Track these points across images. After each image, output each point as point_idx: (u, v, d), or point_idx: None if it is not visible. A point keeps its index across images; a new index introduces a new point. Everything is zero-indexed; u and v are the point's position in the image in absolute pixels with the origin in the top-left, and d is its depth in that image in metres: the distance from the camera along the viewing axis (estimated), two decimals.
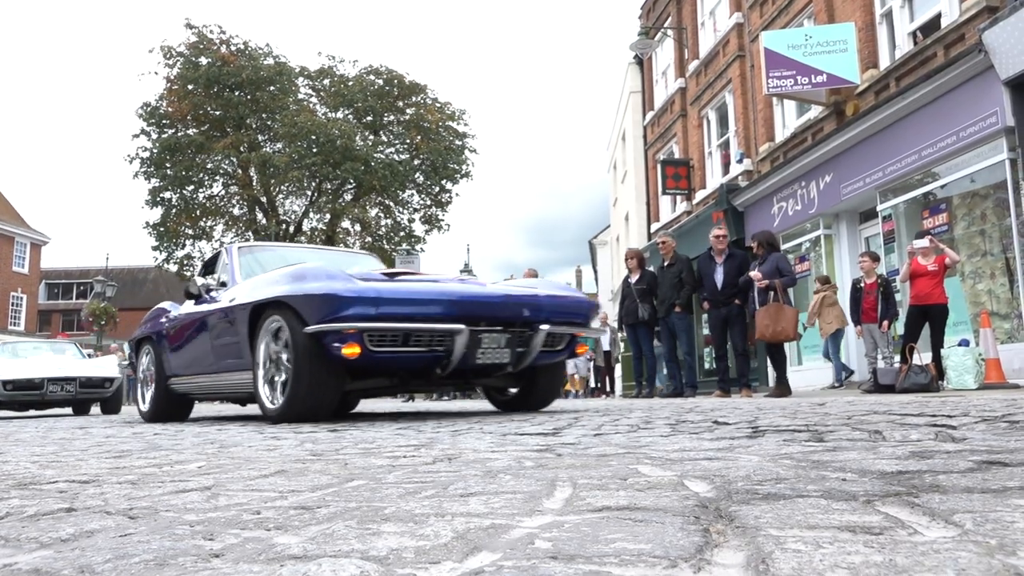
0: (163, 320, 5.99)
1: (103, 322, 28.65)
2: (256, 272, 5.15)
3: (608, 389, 16.69)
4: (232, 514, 1.07)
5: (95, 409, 11.77)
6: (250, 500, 1.20)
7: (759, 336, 7.61)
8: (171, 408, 5.96)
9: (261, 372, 4.31)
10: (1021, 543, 0.73)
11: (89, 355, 13.37)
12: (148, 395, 6.12)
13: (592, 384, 17.50)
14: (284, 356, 4.08)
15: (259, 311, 4.33)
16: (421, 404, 9.92)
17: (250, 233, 28.63)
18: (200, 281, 5.46)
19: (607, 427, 2.75)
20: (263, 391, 4.30)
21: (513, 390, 5.17)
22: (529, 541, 0.81)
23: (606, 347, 15.99)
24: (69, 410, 11.82)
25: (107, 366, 10.93)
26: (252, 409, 9.84)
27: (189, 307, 5.60)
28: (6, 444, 3.10)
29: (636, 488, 1.15)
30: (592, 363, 16.67)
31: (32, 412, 11.65)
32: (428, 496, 1.16)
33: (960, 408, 3.16)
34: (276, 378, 4.19)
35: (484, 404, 8.40)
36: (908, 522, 0.85)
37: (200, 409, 11.41)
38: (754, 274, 7.67)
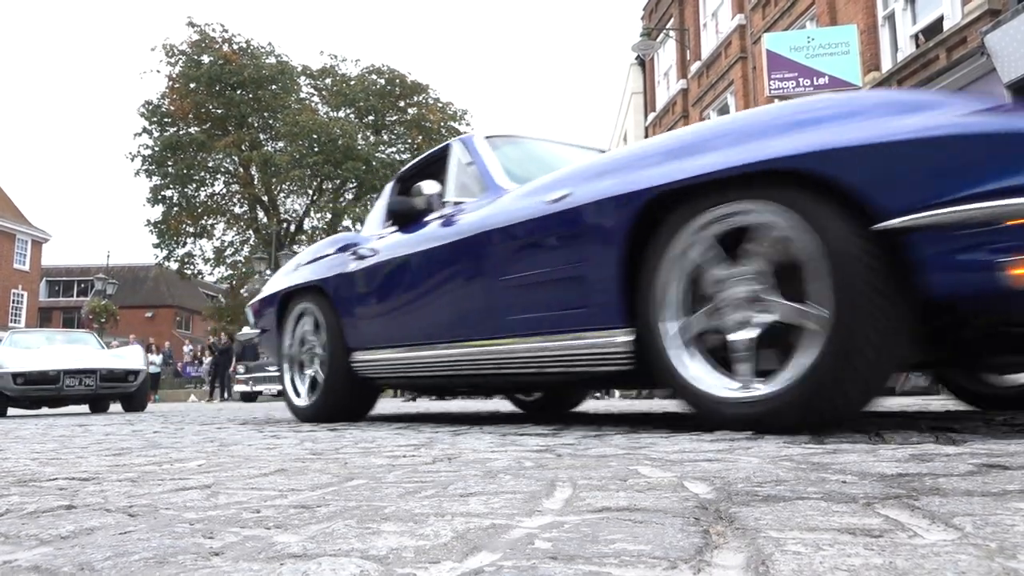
0: (347, 259, 3.87)
1: (103, 320, 28.68)
2: (518, 176, 3.24)
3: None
4: (232, 512, 1.07)
5: (116, 407, 10.50)
6: (250, 499, 1.20)
7: None
8: (352, 400, 3.95)
9: (675, 325, 2.28)
10: (1021, 546, 0.73)
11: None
12: (306, 381, 4.13)
13: None
14: (764, 294, 2.11)
15: (658, 208, 2.31)
16: (421, 404, 9.93)
17: (251, 232, 28.68)
18: (430, 188, 3.42)
19: (607, 428, 2.75)
20: (692, 364, 2.25)
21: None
22: (529, 541, 0.81)
23: None
24: (85, 408, 10.46)
25: (131, 358, 9.75)
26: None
27: (400, 237, 3.62)
28: (6, 441, 3.10)
29: (636, 489, 1.15)
30: None
31: (44, 410, 10.39)
32: (428, 496, 1.16)
33: (960, 410, 3.16)
34: (736, 335, 2.16)
35: (483, 404, 8.35)
36: (908, 525, 0.85)
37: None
38: None
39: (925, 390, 7.06)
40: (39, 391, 8.82)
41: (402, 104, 29.07)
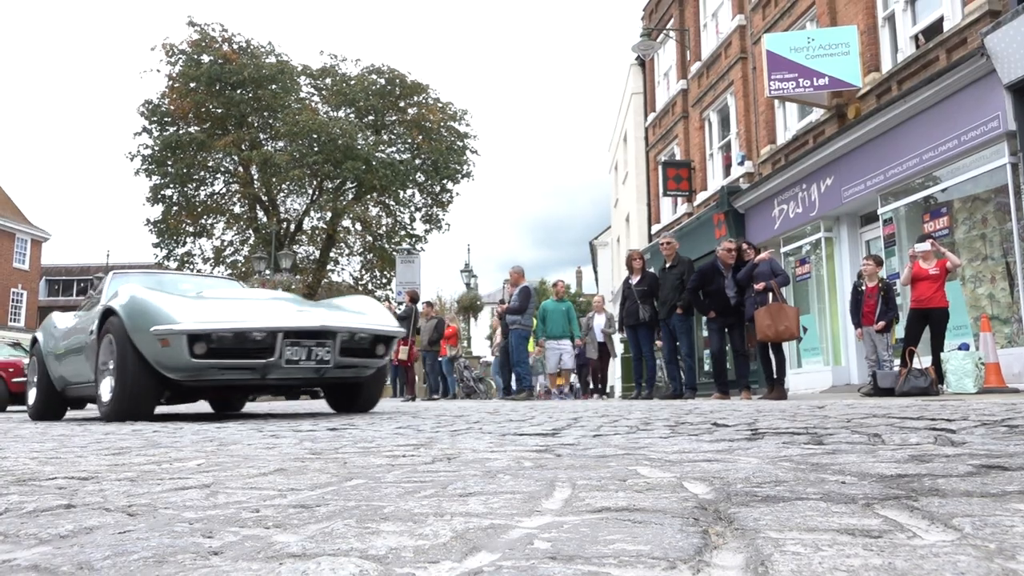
0: None
1: None
2: None
3: (600, 388, 12.56)
4: (231, 512, 1.07)
5: (254, 406, 7.05)
6: (249, 498, 1.20)
7: (761, 337, 7.60)
8: None
9: None
10: (1020, 547, 0.73)
11: None
12: None
13: (576, 383, 13.03)
14: None
15: None
16: (421, 404, 9.91)
17: (250, 231, 28.67)
18: None
19: (606, 428, 2.75)
20: None
21: None
22: (528, 541, 0.81)
23: (600, 337, 11.79)
24: (199, 405, 6.32)
25: (375, 314, 5.46)
26: None
27: None
28: (5, 440, 3.10)
29: (635, 489, 1.15)
30: (581, 355, 11.87)
31: (170, 407, 6.21)
32: (427, 496, 1.16)
33: (959, 412, 3.16)
34: None
35: (483, 404, 8.36)
36: (907, 525, 0.85)
37: None
38: (757, 286, 7.68)
39: (924, 391, 7.06)
40: (236, 369, 4.71)
41: (402, 104, 29.05)
